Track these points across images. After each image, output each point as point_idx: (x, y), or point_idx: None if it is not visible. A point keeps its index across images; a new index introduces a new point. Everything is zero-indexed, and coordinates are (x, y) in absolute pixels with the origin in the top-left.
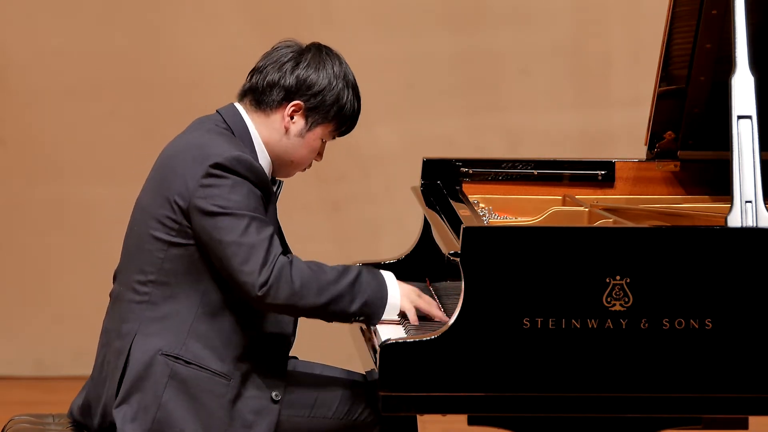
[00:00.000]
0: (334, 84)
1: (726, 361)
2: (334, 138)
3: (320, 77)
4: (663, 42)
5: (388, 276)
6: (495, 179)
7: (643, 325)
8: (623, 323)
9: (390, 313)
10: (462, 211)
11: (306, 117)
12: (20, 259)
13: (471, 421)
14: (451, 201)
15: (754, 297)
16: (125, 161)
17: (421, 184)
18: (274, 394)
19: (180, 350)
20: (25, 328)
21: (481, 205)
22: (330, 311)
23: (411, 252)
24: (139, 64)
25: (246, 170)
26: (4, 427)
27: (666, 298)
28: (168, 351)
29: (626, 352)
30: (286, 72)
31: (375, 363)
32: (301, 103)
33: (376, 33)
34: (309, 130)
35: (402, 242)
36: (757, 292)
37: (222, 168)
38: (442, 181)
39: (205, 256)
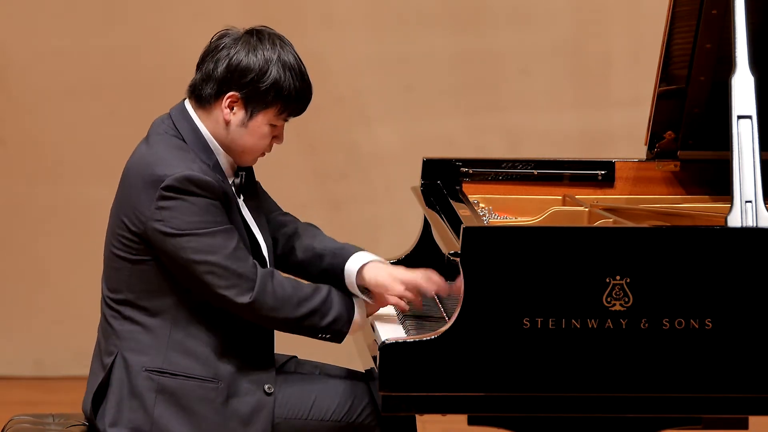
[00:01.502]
0: (266, 69)
1: (726, 361)
2: (287, 120)
3: (251, 64)
4: (663, 42)
5: (356, 298)
6: (495, 179)
7: (643, 325)
8: (623, 323)
9: (356, 330)
10: (462, 211)
11: (245, 106)
12: (20, 259)
13: (471, 421)
14: (451, 201)
15: (754, 297)
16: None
17: (421, 184)
18: (266, 386)
19: (163, 364)
20: (25, 328)
21: (481, 205)
22: (303, 325)
23: (411, 252)
24: (139, 64)
25: (197, 188)
26: (4, 427)
27: (666, 298)
28: (151, 366)
29: (626, 352)
30: (218, 63)
31: (375, 363)
32: (236, 94)
33: (376, 33)
34: (250, 118)
35: (402, 242)
36: (757, 292)
37: (174, 190)
38: (442, 181)
39: (168, 269)
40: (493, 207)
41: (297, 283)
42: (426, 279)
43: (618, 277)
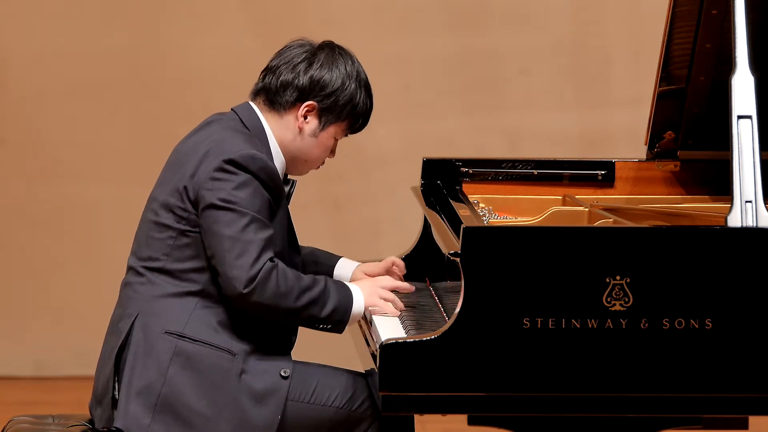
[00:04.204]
0: (347, 84)
1: (726, 361)
2: (346, 135)
3: (333, 77)
4: (663, 42)
5: (353, 286)
6: (495, 179)
7: (643, 325)
8: (623, 323)
9: (356, 319)
10: (462, 211)
11: (319, 117)
12: (20, 259)
13: (471, 421)
14: (451, 201)
15: (754, 297)
16: (125, 161)
17: (421, 184)
18: (282, 370)
19: (184, 329)
20: (25, 328)
21: (481, 205)
22: (303, 316)
23: (411, 252)
24: (139, 64)
25: (258, 169)
26: (4, 427)
27: (666, 298)
28: (172, 329)
29: (626, 352)
30: (299, 72)
31: (375, 363)
32: (315, 104)
33: (376, 33)
34: (322, 129)
35: (402, 242)
36: (757, 292)
37: (235, 164)
38: (442, 181)
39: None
40: (493, 207)
41: (297, 274)
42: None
43: (618, 277)
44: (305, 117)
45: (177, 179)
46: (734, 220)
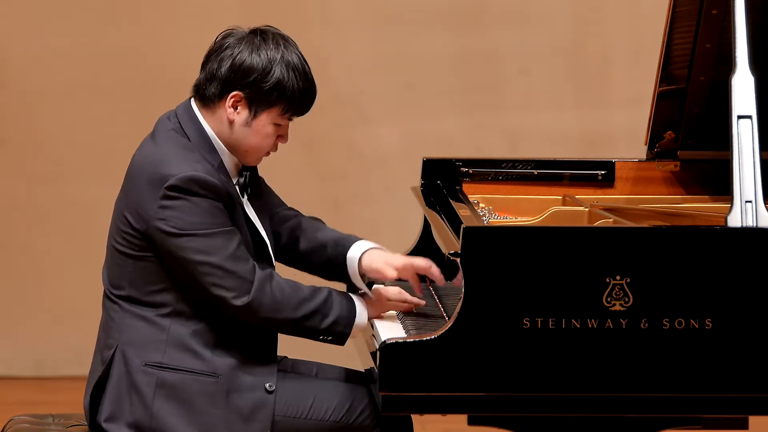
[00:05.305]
0: (270, 69)
1: (726, 361)
2: (291, 119)
3: (255, 63)
4: (663, 42)
5: (357, 297)
6: (495, 179)
7: (643, 325)
8: (623, 323)
9: (359, 331)
10: (462, 211)
11: (249, 106)
12: (20, 259)
13: (471, 421)
14: (451, 201)
15: (754, 297)
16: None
17: (421, 184)
18: (267, 384)
19: (163, 358)
20: (25, 328)
21: (481, 205)
22: (303, 327)
23: (411, 252)
24: (140, 64)
25: (201, 188)
26: (4, 427)
27: (666, 298)
28: (151, 361)
29: (626, 352)
30: (221, 62)
31: (375, 362)
32: (240, 93)
33: (376, 33)
34: (254, 118)
35: (402, 242)
36: (757, 292)
37: (178, 190)
38: (442, 181)
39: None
40: (493, 207)
41: (296, 284)
42: (420, 259)
43: (618, 277)
44: (235, 108)
45: (125, 205)
46: (734, 220)
